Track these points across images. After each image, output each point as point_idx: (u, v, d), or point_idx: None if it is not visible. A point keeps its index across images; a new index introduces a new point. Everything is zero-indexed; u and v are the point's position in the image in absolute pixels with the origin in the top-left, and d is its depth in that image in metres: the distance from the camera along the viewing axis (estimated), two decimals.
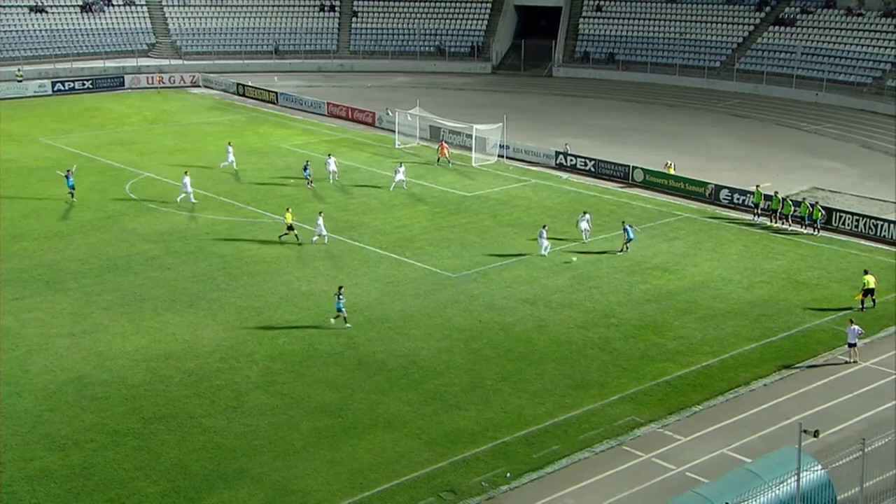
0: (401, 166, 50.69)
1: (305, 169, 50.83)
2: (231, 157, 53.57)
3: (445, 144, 57.76)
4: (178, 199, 46.43)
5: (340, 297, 32.43)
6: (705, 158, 58.35)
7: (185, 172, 48.18)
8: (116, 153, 58.41)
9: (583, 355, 30.89)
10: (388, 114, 68.09)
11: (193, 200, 46.72)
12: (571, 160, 56.49)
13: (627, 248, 40.02)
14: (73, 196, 45.82)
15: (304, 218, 44.41)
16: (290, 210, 42.43)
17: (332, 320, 32.61)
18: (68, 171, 45.86)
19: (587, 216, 42.27)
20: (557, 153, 57.28)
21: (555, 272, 38.45)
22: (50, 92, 79.93)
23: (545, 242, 39.78)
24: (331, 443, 25.48)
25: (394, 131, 63.15)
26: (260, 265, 38.79)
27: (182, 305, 34.46)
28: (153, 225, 43.98)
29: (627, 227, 40.40)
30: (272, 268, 38.47)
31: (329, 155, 53.55)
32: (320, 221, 40.96)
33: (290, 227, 41.43)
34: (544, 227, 40.61)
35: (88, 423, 26.18)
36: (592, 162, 55.50)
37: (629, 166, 53.49)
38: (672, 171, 52.18)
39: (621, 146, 62.39)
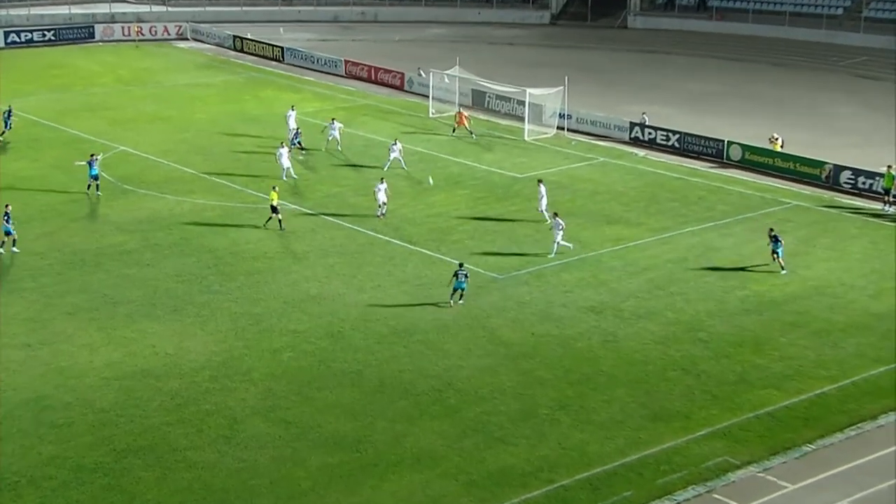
0: (396, 143, 50.92)
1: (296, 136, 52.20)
2: (293, 125, 53.71)
3: (464, 112, 57.77)
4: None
5: (460, 276, 34.46)
6: (822, 132, 57.64)
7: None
8: (84, 121, 59.19)
9: (662, 378, 30.67)
10: (420, 75, 68.18)
11: (294, 176, 47.74)
12: (650, 133, 56.14)
13: (779, 260, 37.95)
14: (97, 188, 45.57)
15: (317, 203, 44.64)
16: (277, 189, 42.88)
17: (452, 303, 34.68)
18: (92, 156, 45.92)
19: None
20: (632, 124, 56.98)
21: (628, 274, 38.26)
22: (2, 44, 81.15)
23: (560, 235, 39.01)
24: (346, 483, 25.58)
25: (427, 97, 63.23)
26: (260, 262, 39.06)
27: (164, 311, 34.79)
28: (129, 211, 44.49)
29: (777, 236, 38.16)
30: (275, 265, 38.71)
31: (333, 120, 54.01)
32: (380, 190, 42.94)
33: (275, 210, 41.87)
34: (555, 214, 39.99)
35: (47, 455, 26.51)
36: (677, 136, 55.13)
37: (724, 141, 53.12)
38: (779, 148, 51.71)
39: (714, 116, 61.79)
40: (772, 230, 38.48)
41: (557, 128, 58.28)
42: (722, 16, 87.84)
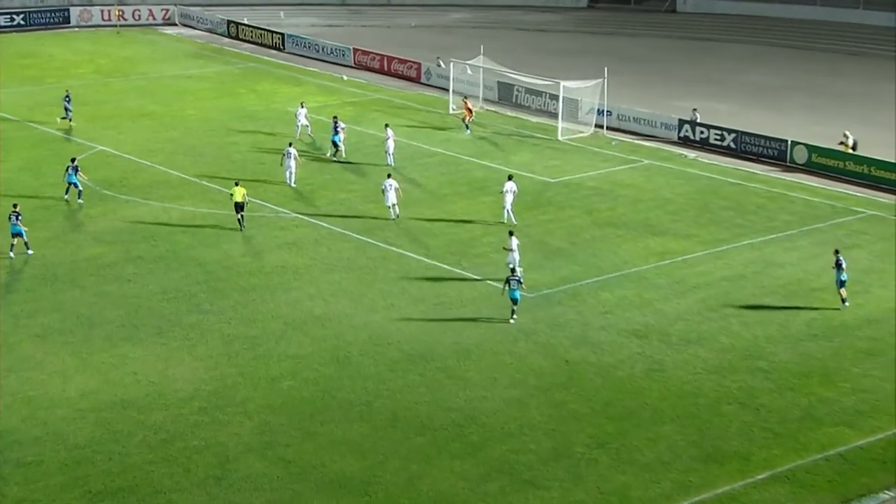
0: (388, 128, 52.04)
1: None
2: (303, 121, 54.52)
3: (468, 101, 57.83)
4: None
5: (512, 283, 35.20)
6: None
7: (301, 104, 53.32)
8: (57, 118, 59.55)
9: (716, 413, 30.53)
10: (439, 65, 68.38)
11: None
12: (702, 132, 56.06)
13: (840, 292, 36.61)
14: (79, 196, 45.98)
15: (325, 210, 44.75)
16: (240, 184, 43.80)
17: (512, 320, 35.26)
18: (73, 160, 46.48)
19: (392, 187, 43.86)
20: (682, 122, 56.93)
21: (676, 293, 38.14)
22: None
23: (516, 258, 37.97)
24: None
25: (447, 90, 63.36)
26: (256, 277, 39.16)
27: (147, 333, 34.91)
28: (108, 219, 44.72)
29: (841, 261, 36.73)
30: (273, 281, 38.80)
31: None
32: (390, 188, 43.57)
33: (239, 207, 42.93)
34: (511, 233, 39.26)
35: (13, 499, 26.51)
36: (733, 135, 55.05)
37: (787, 142, 53.03)
38: (850, 150, 51.53)
39: (776, 112, 61.64)
40: (837, 252, 37.11)
41: (595, 126, 58.26)
42: None
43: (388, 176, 44.87)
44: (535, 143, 56.56)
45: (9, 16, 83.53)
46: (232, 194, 43.56)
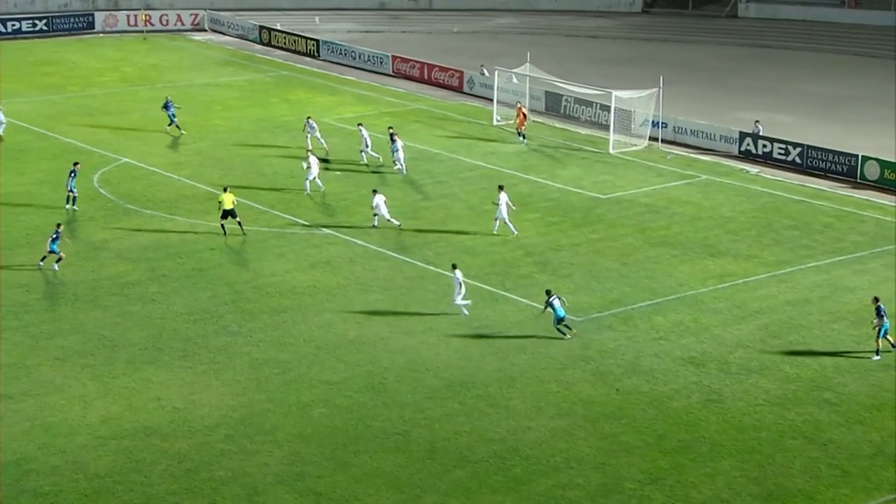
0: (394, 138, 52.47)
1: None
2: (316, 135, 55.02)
3: (524, 108, 57.87)
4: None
5: (553, 301, 35.93)
6: None
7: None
8: (81, 128, 60.20)
9: (779, 448, 30.30)
10: (483, 73, 68.49)
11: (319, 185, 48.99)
12: (764, 146, 55.79)
13: (878, 341, 35.24)
14: (73, 202, 47.09)
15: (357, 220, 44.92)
16: (230, 190, 44.79)
17: (567, 334, 35.91)
18: (76, 165, 47.26)
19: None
20: (743, 135, 56.69)
21: (736, 318, 37.91)
22: None
23: (461, 292, 37.68)
24: None
25: (491, 100, 63.45)
26: (287, 298, 39.34)
27: (172, 356, 35.13)
28: (132, 235, 45.08)
29: (882, 309, 35.23)
30: (305, 302, 38.95)
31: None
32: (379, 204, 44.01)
33: (227, 215, 44.07)
34: (454, 266, 38.55)
35: None
36: (798, 149, 54.74)
37: (857, 157, 52.77)
38: None
39: (845, 126, 61.21)
40: (877, 300, 35.74)
41: (649, 138, 58.11)
42: (857, 2, 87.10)
43: (375, 192, 45.40)
44: (585, 156, 56.46)
45: (31, 21, 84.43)
46: (221, 201, 44.46)
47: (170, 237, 44.69)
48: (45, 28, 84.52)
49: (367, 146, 53.32)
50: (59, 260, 40.71)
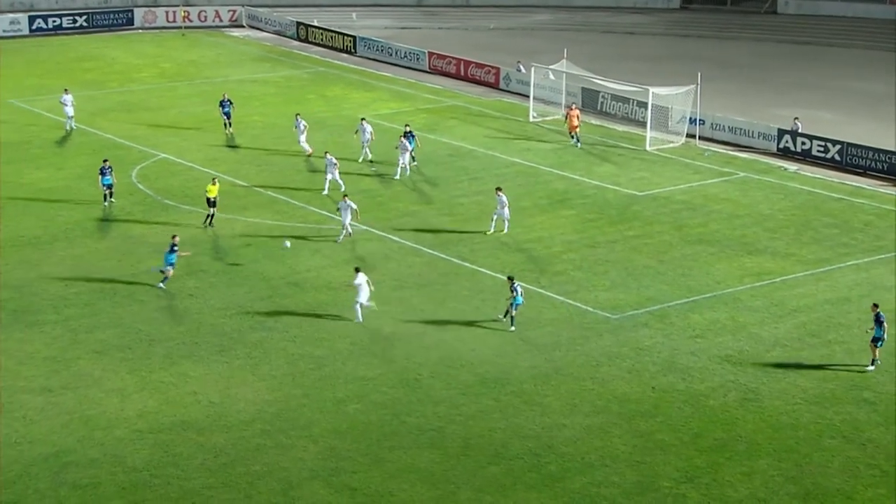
0: (409, 135, 52.21)
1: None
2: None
3: (576, 110, 57.47)
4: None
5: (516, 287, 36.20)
6: None
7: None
8: (120, 124, 60.64)
9: (817, 448, 30.16)
10: (519, 70, 68.44)
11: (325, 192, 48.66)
12: (804, 143, 55.49)
13: (875, 351, 34.22)
14: (111, 196, 47.25)
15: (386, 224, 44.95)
16: (216, 181, 45.58)
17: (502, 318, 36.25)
18: (105, 163, 47.23)
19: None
20: (781, 132, 56.41)
21: (773, 317, 37.74)
22: (26, 32, 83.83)
23: (366, 293, 36.90)
24: None
25: (528, 96, 63.42)
26: (324, 294, 39.47)
27: (208, 351, 35.35)
28: (170, 231, 45.26)
29: (881, 317, 34.16)
30: (341, 298, 39.06)
31: (363, 120, 54.76)
32: (346, 208, 42.95)
33: (211, 203, 44.95)
34: (356, 271, 37.36)
35: None
36: (838, 146, 54.42)
37: None
38: None
39: (886, 123, 60.70)
40: (876, 306, 34.60)
41: (687, 135, 57.92)
42: None
43: (345, 197, 43.82)
44: (621, 153, 56.33)
45: (71, 17, 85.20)
46: (207, 191, 45.17)
47: (206, 232, 44.92)
48: (85, 24, 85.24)
49: (366, 141, 53.07)
50: (164, 279, 39.58)
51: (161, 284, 39.46)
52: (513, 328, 36.37)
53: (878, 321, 34.19)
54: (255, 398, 32.31)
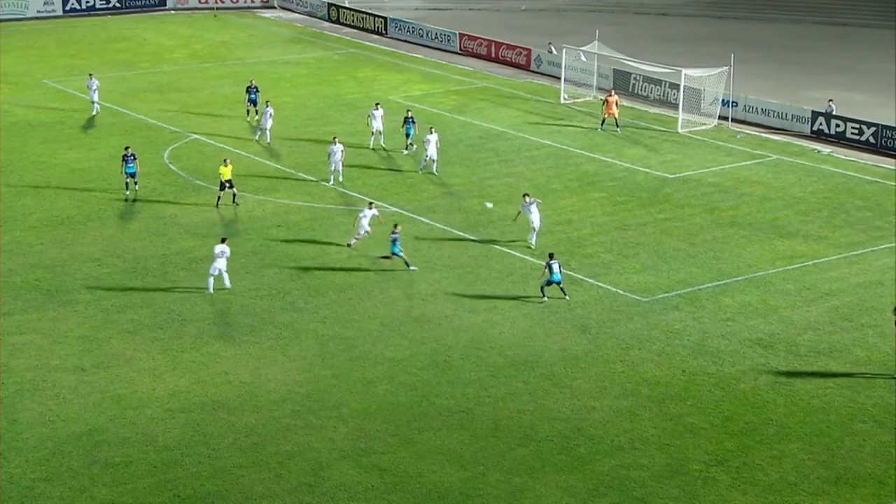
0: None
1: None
2: (378, 125, 52.95)
3: (615, 97, 56.97)
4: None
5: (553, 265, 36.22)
6: None
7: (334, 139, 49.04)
8: (152, 104, 60.92)
9: (848, 432, 30.05)
10: (550, 51, 68.25)
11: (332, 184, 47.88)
12: (838, 125, 55.13)
13: None
14: (135, 185, 46.51)
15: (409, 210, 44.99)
16: (229, 162, 45.69)
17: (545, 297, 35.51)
18: (127, 150, 46.38)
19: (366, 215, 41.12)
20: (815, 114, 56.06)
21: (805, 300, 37.57)
22: (59, 13, 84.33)
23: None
24: None
25: (559, 78, 63.23)
26: (353, 276, 39.57)
27: (239, 331, 35.54)
28: (201, 212, 45.58)
29: None
30: (371, 280, 39.16)
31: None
32: (365, 217, 41.25)
33: (225, 185, 45.09)
34: (223, 239, 38.16)
35: (100, 500, 27.21)
36: (872, 129, 54.06)
37: None
38: None
39: None
40: None
41: (719, 118, 57.65)
42: None
43: (370, 205, 42.11)
44: (653, 135, 56.12)
45: None
46: (220, 173, 45.34)
47: (238, 213, 45.11)
48: (118, 5, 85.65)
49: (378, 128, 52.69)
50: (385, 257, 39.55)
51: (412, 268, 39.43)
52: (545, 298, 36.87)
53: None
54: (285, 379, 32.48)
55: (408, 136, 52.27)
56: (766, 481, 27.87)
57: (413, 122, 52.27)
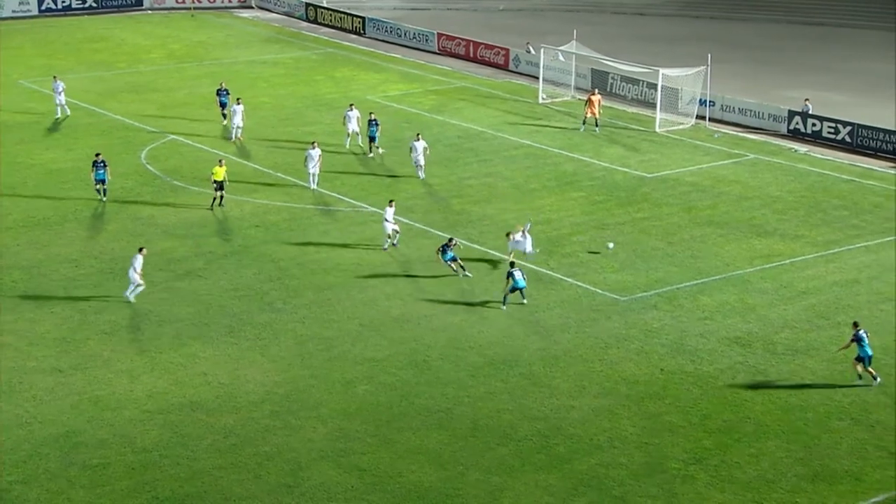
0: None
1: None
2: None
3: (597, 97, 56.91)
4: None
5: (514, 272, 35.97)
6: None
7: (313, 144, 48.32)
8: (129, 104, 60.70)
9: (825, 429, 30.19)
10: (528, 51, 68.32)
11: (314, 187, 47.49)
12: (814, 125, 55.36)
13: (857, 368, 32.19)
14: (104, 193, 45.67)
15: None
16: (224, 163, 45.46)
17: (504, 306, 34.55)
18: (98, 156, 45.77)
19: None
20: (792, 113, 56.28)
21: (782, 298, 37.72)
22: (35, 12, 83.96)
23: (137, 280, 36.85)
24: None
25: (537, 78, 63.31)
26: (333, 275, 39.53)
27: (217, 332, 35.46)
28: (178, 212, 45.45)
29: (861, 335, 32.07)
30: (350, 280, 39.13)
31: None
32: (389, 215, 41.37)
33: (218, 187, 44.83)
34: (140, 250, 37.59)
35: (77, 502, 27.04)
36: (848, 128, 54.30)
37: None
38: None
39: None
40: (856, 325, 32.60)
41: (697, 117, 57.83)
42: None
43: (391, 203, 42.10)
44: (631, 135, 56.25)
45: None
46: (213, 173, 45.03)
47: (216, 214, 44.99)
48: (94, 5, 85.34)
49: (354, 129, 52.48)
50: (463, 270, 38.94)
51: (467, 273, 39.03)
52: (504, 307, 36.58)
53: (857, 339, 32.01)
54: (263, 379, 32.42)
55: (372, 139, 51.81)
56: (744, 479, 27.96)
57: (377, 124, 51.85)
